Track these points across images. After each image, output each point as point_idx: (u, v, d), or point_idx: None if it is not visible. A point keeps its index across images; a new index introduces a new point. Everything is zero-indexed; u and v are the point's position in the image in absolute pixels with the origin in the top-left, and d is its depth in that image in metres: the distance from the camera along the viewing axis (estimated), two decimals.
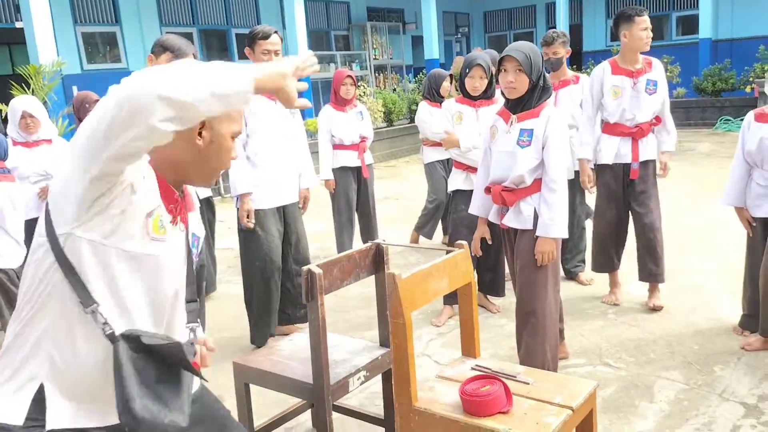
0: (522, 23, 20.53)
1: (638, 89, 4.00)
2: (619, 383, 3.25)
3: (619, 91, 4.02)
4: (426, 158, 5.70)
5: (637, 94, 3.99)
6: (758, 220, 3.57)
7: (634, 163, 4.02)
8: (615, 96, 4.03)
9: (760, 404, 2.99)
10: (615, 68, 4.07)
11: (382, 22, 17.35)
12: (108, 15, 11.97)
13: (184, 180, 1.58)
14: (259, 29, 3.66)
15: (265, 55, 3.61)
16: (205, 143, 1.51)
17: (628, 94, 4.00)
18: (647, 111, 4.01)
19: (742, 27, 15.82)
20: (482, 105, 4.08)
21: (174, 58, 3.09)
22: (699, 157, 10.03)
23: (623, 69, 4.04)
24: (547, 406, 2.08)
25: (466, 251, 2.41)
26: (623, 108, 4.01)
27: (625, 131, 4.03)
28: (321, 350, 2.36)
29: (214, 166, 1.56)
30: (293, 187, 3.93)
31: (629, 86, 4.00)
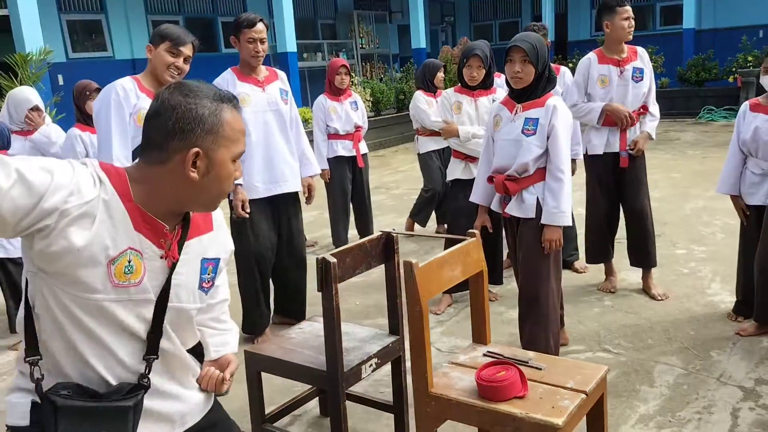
0: (507, 13, 20.58)
1: (625, 77, 4.05)
2: (620, 368, 3.31)
3: (607, 80, 4.07)
4: (421, 148, 5.73)
5: (625, 83, 4.05)
6: (752, 207, 3.65)
7: (622, 152, 4.07)
8: (602, 85, 4.08)
9: (757, 388, 3.07)
10: (601, 58, 4.11)
11: (368, 11, 17.31)
12: (93, 3, 11.83)
13: (181, 210, 1.48)
14: (243, 17, 3.58)
15: (251, 43, 3.53)
16: (201, 174, 1.39)
17: (616, 83, 4.05)
18: (635, 99, 4.07)
19: (724, 17, 16.00)
20: (480, 95, 4.11)
21: (172, 47, 3.04)
22: (684, 146, 10.16)
23: (609, 58, 4.08)
24: (560, 390, 2.13)
25: (477, 240, 2.45)
26: (611, 96, 4.05)
27: (612, 120, 4.06)
28: (335, 338, 2.39)
29: (214, 195, 1.45)
30: (288, 177, 3.77)
31: (616, 75, 4.05)
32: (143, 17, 12.52)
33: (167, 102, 1.38)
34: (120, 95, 3.02)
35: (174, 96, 1.38)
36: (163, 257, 1.44)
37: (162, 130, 1.37)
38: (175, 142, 1.37)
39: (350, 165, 5.49)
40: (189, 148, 1.37)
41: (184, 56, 3.08)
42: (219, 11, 14.20)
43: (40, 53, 7.72)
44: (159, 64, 3.05)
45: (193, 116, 1.37)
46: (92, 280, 1.34)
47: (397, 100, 13.02)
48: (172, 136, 1.37)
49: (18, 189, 1.24)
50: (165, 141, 1.37)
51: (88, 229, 1.31)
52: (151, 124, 1.39)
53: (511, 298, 4.29)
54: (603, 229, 4.30)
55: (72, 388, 1.39)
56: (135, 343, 1.46)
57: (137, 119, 2.99)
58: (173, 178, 1.39)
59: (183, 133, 1.37)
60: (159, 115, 1.38)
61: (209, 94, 1.41)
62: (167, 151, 1.37)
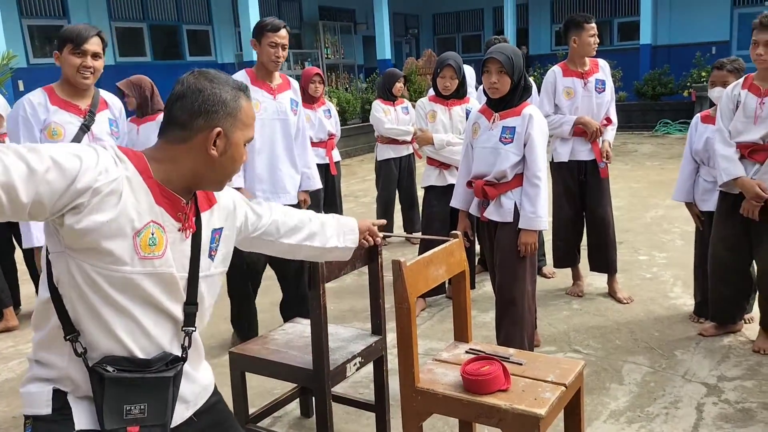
0: (470, 26, 20.93)
1: (589, 89, 4.25)
2: (590, 368, 3.44)
3: (572, 91, 4.25)
4: (379, 155, 5.87)
5: (589, 94, 4.24)
6: (706, 213, 3.84)
7: (600, 163, 4.27)
8: (568, 97, 4.26)
9: (719, 384, 3.23)
10: (566, 71, 4.28)
11: (333, 22, 17.42)
12: (55, 8, 11.67)
13: (195, 187, 1.58)
14: (268, 21, 3.50)
15: (272, 47, 3.46)
16: (220, 152, 1.52)
17: (580, 94, 4.23)
18: (599, 109, 4.26)
19: (679, 34, 16.58)
20: (454, 104, 4.23)
21: (75, 48, 2.87)
22: (642, 158, 10.48)
23: (573, 71, 4.27)
24: (541, 383, 2.23)
25: (460, 241, 2.54)
26: (576, 107, 4.24)
27: (579, 130, 4.23)
28: (322, 336, 2.45)
29: (227, 173, 1.59)
30: (288, 189, 3.72)
31: (580, 87, 4.24)
32: (107, 23, 12.37)
33: (194, 86, 1.51)
34: (28, 111, 2.93)
35: (200, 81, 1.52)
36: (181, 230, 1.54)
37: (188, 110, 1.50)
38: (200, 121, 1.49)
39: (323, 173, 5.53)
40: (212, 127, 1.50)
41: (91, 53, 2.91)
42: (184, 19, 14.12)
43: (4, 58, 7.60)
44: (68, 69, 2.92)
45: (217, 99, 1.51)
46: (120, 252, 1.42)
47: (363, 110, 13.12)
48: (197, 115, 1.49)
49: (53, 173, 1.31)
50: (190, 120, 1.49)
51: (115, 205, 1.40)
52: (177, 105, 1.51)
53: (483, 302, 4.40)
54: (569, 234, 4.46)
55: (118, 361, 1.47)
56: (164, 318, 1.55)
57: (47, 134, 2.91)
58: (194, 155, 1.51)
59: (208, 114, 1.50)
60: (185, 97, 1.50)
61: (229, 81, 1.56)
62: (192, 129, 1.50)
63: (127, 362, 1.48)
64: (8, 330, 4.41)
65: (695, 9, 16.29)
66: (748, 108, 3.34)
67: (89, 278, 1.42)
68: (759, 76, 3.37)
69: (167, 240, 1.50)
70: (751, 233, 3.47)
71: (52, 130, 2.91)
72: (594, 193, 4.34)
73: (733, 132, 3.42)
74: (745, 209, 3.37)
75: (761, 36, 3.23)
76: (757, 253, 3.49)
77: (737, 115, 3.40)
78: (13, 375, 3.77)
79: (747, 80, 3.41)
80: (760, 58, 3.27)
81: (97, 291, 1.44)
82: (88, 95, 3.06)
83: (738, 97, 3.40)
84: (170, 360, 1.54)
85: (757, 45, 3.26)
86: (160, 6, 13.64)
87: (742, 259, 3.58)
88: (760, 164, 3.31)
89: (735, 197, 3.45)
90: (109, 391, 1.45)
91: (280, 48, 3.49)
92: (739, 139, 3.39)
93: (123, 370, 1.47)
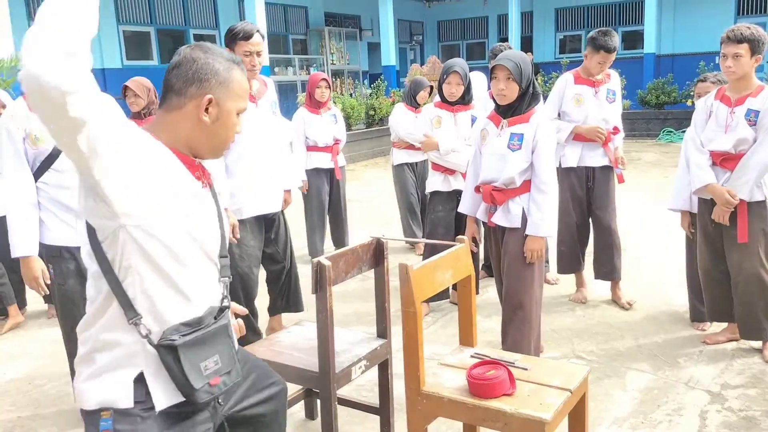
0: (475, 34, 21.00)
1: (600, 98, 4.28)
2: (594, 374, 3.44)
3: (582, 99, 4.27)
4: (395, 160, 5.86)
5: (599, 103, 4.27)
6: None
7: (617, 169, 4.36)
8: (577, 104, 4.28)
9: (723, 392, 3.24)
10: (577, 78, 4.32)
11: (339, 28, 17.50)
12: None
13: (194, 155, 1.68)
14: (239, 27, 3.34)
15: (247, 56, 3.33)
16: (212, 119, 1.62)
17: (590, 103, 4.26)
18: (609, 117, 4.29)
19: (683, 43, 16.63)
20: (459, 110, 4.26)
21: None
22: (646, 166, 10.50)
23: (585, 79, 4.30)
24: (546, 388, 2.24)
25: (467, 246, 2.56)
26: (586, 115, 4.26)
27: (588, 137, 4.27)
28: (328, 339, 2.47)
29: (221, 140, 1.68)
30: (276, 195, 3.73)
31: (591, 95, 4.27)
32: (115, 27, 12.46)
33: (189, 56, 1.62)
34: (9, 123, 2.91)
35: (195, 51, 1.63)
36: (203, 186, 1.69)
37: (182, 78, 1.60)
38: (193, 88, 1.60)
39: (328, 177, 5.58)
40: (204, 94, 1.60)
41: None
42: (191, 23, 14.19)
43: (12, 60, 7.64)
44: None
45: (210, 69, 1.61)
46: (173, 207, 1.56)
47: (367, 116, 13.15)
48: (191, 83, 1.60)
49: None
50: (184, 87, 1.60)
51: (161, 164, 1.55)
52: (173, 74, 1.61)
53: (486, 307, 4.42)
54: (574, 240, 4.47)
55: (178, 329, 1.57)
56: (211, 270, 1.70)
57: (30, 142, 2.90)
58: (188, 122, 1.62)
59: (200, 81, 1.60)
60: (180, 66, 1.61)
61: (223, 54, 1.66)
62: (185, 96, 1.60)
63: (185, 327, 1.58)
64: (16, 326, 4.44)
65: (699, 18, 16.34)
66: (720, 117, 3.51)
67: (152, 238, 1.52)
68: (730, 87, 3.53)
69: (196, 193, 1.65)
70: (723, 238, 3.59)
71: (34, 137, 2.89)
72: (600, 199, 4.37)
73: (705, 140, 3.58)
74: (716, 214, 3.53)
75: (729, 49, 3.38)
76: (729, 259, 3.58)
77: (709, 124, 3.57)
78: (19, 375, 3.79)
79: (720, 91, 3.57)
80: (729, 70, 3.41)
81: (160, 248, 1.53)
82: None
83: (711, 107, 3.57)
84: (218, 311, 1.67)
85: (726, 57, 3.41)
86: (168, 10, 13.72)
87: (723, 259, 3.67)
88: (731, 172, 3.46)
89: (710, 201, 3.59)
90: (185, 356, 1.54)
91: (255, 56, 3.35)
92: (710, 147, 3.56)
93: (186, 334, 1.56)
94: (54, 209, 2.97)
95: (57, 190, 2.95)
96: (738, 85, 3.46)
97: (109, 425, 1.55)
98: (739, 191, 3.41)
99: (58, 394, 3.52)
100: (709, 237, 3.68)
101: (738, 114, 3.43)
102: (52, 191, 2.95)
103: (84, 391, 1.59)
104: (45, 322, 4.59)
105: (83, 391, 1.59)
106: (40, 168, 2.94)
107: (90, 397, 1.58)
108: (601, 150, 4.32)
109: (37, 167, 2.93)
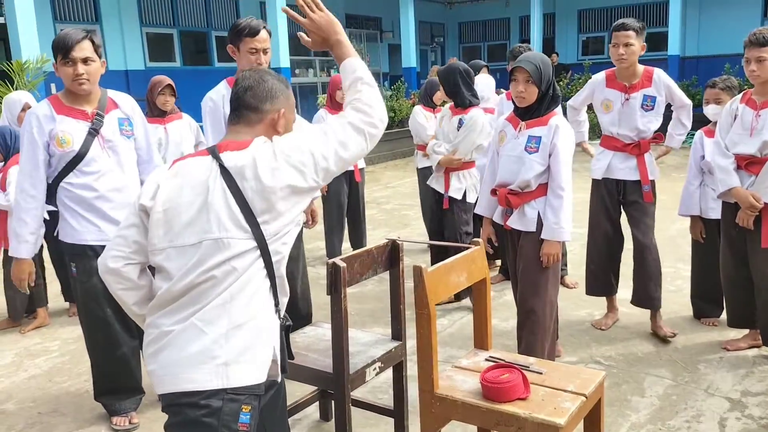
0: (496, 35, 20.92)
1: (631, 106, 3.83)
2: (611, 379, 3.41)
3: (611, 105, 3.91)
4: (419, 163, 5.85)
5: (630, 111, 3.84)
6: (713, 222, 3.95)
7: (645, 186, 3.93)
8: (606, 110, 3.94)
9: (743, 399, 3.18)
10: (610, 81, 3.94)
11: (360, 30, 17.52)
12: (88, 13, 11.91)
13: None
14: (244, 23, 3.14)
15: (253, 54, 3.13)
16: (282, 129, 1.91)
17: (618, 110, 3.87)
18: (642, 127, 3.87)
19: (708, 45, 16.40)
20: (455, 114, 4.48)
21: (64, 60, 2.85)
22: (668, 169, 10.36)
23: (617, 83, 3.91)
24: (561, 393, 2.22)
25: (482, 248, 2.55)
26: (614, 124, 3.91)
27: (618, 145, 3.92)
28: (343, 340, 2.47)
29: None
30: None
31: (620, 102, 3.87)
32: (138, 29, 12.60)
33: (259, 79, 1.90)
34: (33, 127, 2.92)
35: (263, 75, 1.93)
36: None
37: (257, 97, 1.88)
38: (267, 104, 1.89)
39: (347, 179, 5.57)
40: (278, 109, 1.90)
41: (80, 59, 2.84)
42: (213, 25, 14.31)
43: (38, 61, 7.76)
44: (64, 79, 2.91)
45: (277, 88, 1.92)
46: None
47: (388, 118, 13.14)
48: (265, 100, 1.89)
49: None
50: (260, 104, 1.88)
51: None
52: (248, 95, 1.88)
53: (503, 310, 4.39)
54: (603, 258, 4.07)
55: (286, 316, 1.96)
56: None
57: (56, 143, 2.91)
58: (265, 133, 1.88)
59: (273, 99, 1.90)
60: (252, 88, 1.89)
61: (279, 76, 1.97)
62: (262, 112, 1.88)
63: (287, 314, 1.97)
64: (39, 327, 4.51)
65: (724, 20, 16.10)
66: (745, 121, 3.47)
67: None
68: (756, 90, 3.49)
69: None
70: (747, 243, 3.55)
71: (60, 138, 2.92)
72: (634, 216, 3.96)
73: (730, 144, 3.53)
74: (740, 218, 3.48)
75: (752, 53, 3.36)
76: (752, 264, 3.54)
77: (734, 127, 3.52)
78: (40, 371, 3.84)
79: (746, 95, 3.54)
80: (753, 74, 3.39)
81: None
82: (94, 98, 3.03)
83: (736, 110, 3.53)
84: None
85: (749, 62, 3.38)
86: (191, 12, 13.85)
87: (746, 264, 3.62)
88: (756, 176, 3.43)
89: (734, 205, 3.55)
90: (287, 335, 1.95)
91: (261, 53, 3.15)
92: (735, 150, 3.51)
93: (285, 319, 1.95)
94: (78, 209, 3.01)
95: (82, 190, 2.99)
96: (763, 89, 3.42)
97: (247, 419, 1.76)
98: (764, 195, 3.37)
99: (78, 391, 3.57)
100: (732, 242, 3.65)
101: (764, 117, 3.39)
102: (78, 191, 2.99)
103: (226, 370, 1.73)
104: (66, 321, 4.65)
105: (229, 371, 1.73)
106: (65, 168, 2.98)
107: (231, 375, 1.73)
108: (633, 162, 3.91)
109: (63, 168, 2.97)
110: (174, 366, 1.73)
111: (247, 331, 1.76)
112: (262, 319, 1.80)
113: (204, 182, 1.77)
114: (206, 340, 1.72)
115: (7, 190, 4.09)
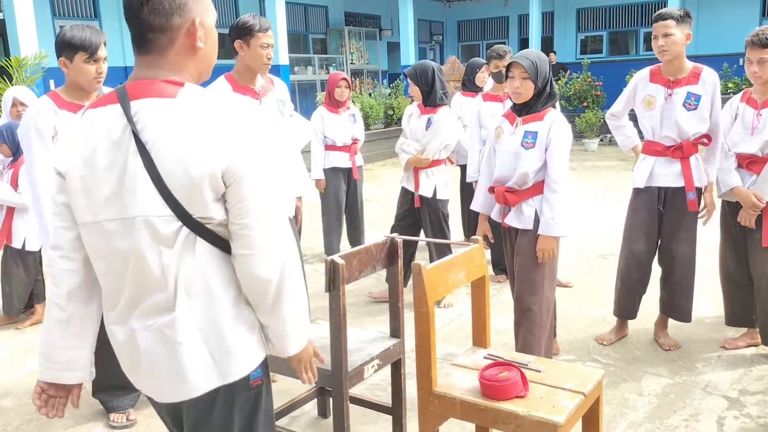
0: (495, 34, 20.89)
1: (673, 102, 3.49)
2: (609, 378, 3.41)
3: (653, 101, 3.56)
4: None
5: (671, 108, 3.49)
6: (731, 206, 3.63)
7: (689, 193, 3.53)
8: (648, 107, 3.58)
9: (741, 398, 3.19)
10: (653, 75, 3.61)
11: (359, 28, 17.52)
12: (87, 9, 11.88)
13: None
14: (254, 20, 3.18)
15: (265, 49, 3.17)
16: (203, 42, 1.52)
17: (659, 107, 3.53)
18: (682, 128, 3.49)
19: (705, 44, 16.39)
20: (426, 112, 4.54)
21: (90, 59, 2.85)
22: None
23: (661, 77, 3.57)
24: (560, 391, 2.22)
25: (481, 246, 2.54)
26: (655, 121, 3.55)
27: (660, 149, 3.56)
28: (341, 337, 2.46)
29: (211, 62, 1.60)
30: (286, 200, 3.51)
31: (662, 97, 3.52)
32: None
33: None
34: (37, 120, 2.92)
35: None
36: None
37: (159, 11, 1.46)
38: (176, 18, 1.47)
39: (345, 176, 5.57)
40: (191, 19, 1.49)
41: (103, 59, 2.90)
42: None
43: (36, 57, 7.75)
44: (82, 77, 2.90)
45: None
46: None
47: (386, 116, 13.15)
48: (172, 13, 1.47)
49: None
50: (167, 21, 1.47)
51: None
52: (143, 12, 1.46)
53: (502, 307, 4.39)
54: (633, 274, 3.76)
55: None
56: None
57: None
58: (184, 55, 1.52)
59: (180, 8, 1.48)
60: (149, 2, 1.45)
61: None
62: (171, 29, 1.48)
63: None
64: (36, 323, 4.50)
65: (723, 19, 16.14)
66: (746, 120, 3.48)
67: None
68: (756, 90, 3.50)
69: None
70: (747, 242, 3.55)
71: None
72: (674, 226, 3.62)
73: (731, 143, 3.53)
74: (741, 218, 3.48)
75: (754, 54, 3.35)
76: (752, 263, 3.54)
77: (735, 127, 3.52)
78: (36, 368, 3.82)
79: (745, 94, 3.54)
80: (755, 75, 3.40)
81: None
82: (94, 94, 3.03)
83: (737, 110, 3.53)
84: None
85: (751, 63, 3.38)
86: None
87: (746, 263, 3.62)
88: (757, 175, 3.43)
89: (735, 204, 3.54)
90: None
91: (270, 48, 3.24)
92: (736, 150, 3.51)
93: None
94: None
95: None
96: (764, 88, 3.43)
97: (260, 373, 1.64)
98: (766, 194, 3.38)
99: None
100: (732, 240, 3.65)
101: (765, 116, 3.40)
102: None
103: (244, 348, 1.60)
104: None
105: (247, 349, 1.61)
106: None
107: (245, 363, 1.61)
108: (677, 167, 3.53)
109: None
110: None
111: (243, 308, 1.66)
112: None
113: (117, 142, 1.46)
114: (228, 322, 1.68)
115: (19, 189, 4.09)
